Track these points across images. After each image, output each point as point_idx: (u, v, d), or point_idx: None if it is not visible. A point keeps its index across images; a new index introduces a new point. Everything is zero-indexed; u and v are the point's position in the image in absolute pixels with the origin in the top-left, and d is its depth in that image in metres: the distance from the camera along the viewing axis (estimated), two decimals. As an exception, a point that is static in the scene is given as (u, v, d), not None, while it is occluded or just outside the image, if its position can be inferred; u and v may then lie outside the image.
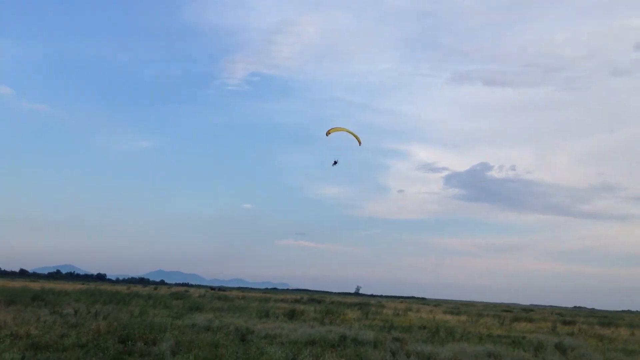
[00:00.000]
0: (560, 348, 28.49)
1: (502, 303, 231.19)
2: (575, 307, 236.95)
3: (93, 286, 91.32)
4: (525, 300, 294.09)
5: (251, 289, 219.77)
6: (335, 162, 27.48)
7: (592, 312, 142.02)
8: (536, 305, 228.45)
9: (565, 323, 59.39)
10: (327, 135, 27.14)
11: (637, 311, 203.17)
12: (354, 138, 28.17)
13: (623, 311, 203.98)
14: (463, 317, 58.69)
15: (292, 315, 42.44)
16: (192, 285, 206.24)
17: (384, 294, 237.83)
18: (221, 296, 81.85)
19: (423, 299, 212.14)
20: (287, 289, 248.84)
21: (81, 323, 26.92)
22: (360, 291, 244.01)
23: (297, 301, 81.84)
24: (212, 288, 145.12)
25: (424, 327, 37.28)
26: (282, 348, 22.07)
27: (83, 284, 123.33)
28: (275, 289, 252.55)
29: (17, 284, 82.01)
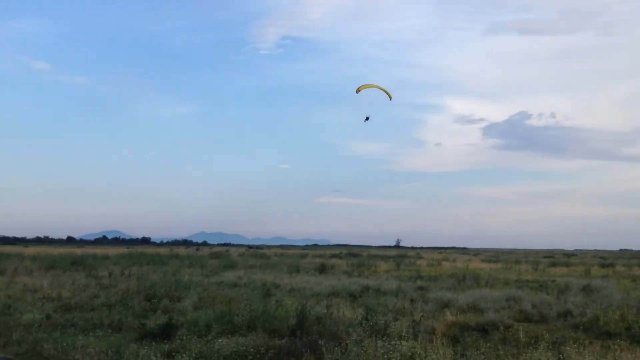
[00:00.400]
0: (586, 290, 28.52)
1: (545, 249, 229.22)
2: (621, 250, 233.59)
3: (135, 250, 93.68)
4: (569, 246, 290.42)
5: (291, 246, 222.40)
6: (367, 118, 27.54)
7: (637, 254, 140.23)
8: (581, 250, 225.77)
9: (603, 266, 58.90)
10: (357, 92, 27.12)
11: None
12: (385, 94, 28.06)
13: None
14: (498, 265, 58.64)
15: (322, 269, 43.13)
16: (233, 245, 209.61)
17: (424, 246, 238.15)
18: (259, 254, 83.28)
19: (464, 249, 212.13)
20: (328, 245, 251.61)
21: (113, 284, 27.95)
22: (401, 244, 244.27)
23: (334, 256, 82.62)
24: (249, 247, 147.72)
25: (452, 276, 37.42)
26: (302, 299, 22.59)
27: (127, 247, 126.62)
28: (315, 245, 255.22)
29: (62, 250, 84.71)
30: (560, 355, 12.16)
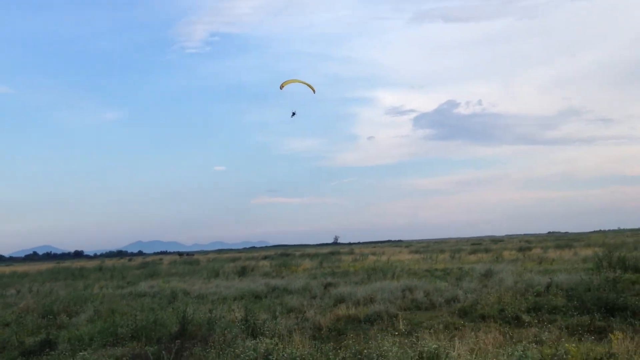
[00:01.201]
0: (486, 275, 29.80)
1: (476, 237, 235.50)
2: (549, 232, 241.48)
3: (60, 265, 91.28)
4: (501, 232, 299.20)
5: (229, 250, 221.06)
6: (294, 114, 27.91)
7: (562, 236, 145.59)
8: (511, 235, 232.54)
9: (521, 250, 61.19)
10: (281, 88, 27.51)
11: (609, 230, 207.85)
12: (309, 88, 28.52)
13: (595, 231, 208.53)
14: (419, 256, 60.09)
15: (243, 272, 43.30)
16: (169, 253, 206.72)
17: (362, 241, 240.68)
18: (189, 261, 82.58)
19: (399, 241, 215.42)
20: (265, 247, 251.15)
21: (16, 303, 27.43)
22: (339, 241, 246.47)
23: (266, 257, 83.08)
24: (180, 254, 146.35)
25: (365, 270, 38.21)
26: (198, 305, 22.79)
27: (57, 263, 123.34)
28: (253, 247, 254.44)
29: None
30: (414, 339, 12.81)
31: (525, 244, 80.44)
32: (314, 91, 28.80)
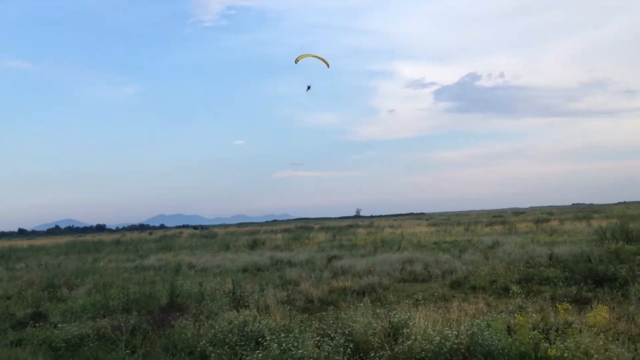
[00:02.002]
0: (492, 247, 29.71)
1: (499, 209, 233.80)
2: (573, 204, 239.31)
3: (78, 238, 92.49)
4: (524, 204, 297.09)
5: (251, 223, 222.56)
6: (309, 87, 27.87)
7: (585, 208, 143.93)
8: (535, 207, 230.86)
9: (537, 222, 60.61)
10: (296, 62, 27.43)
11: (633, 202, 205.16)
12: (323, 62, 28.46)
13: (619, 203, 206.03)
14: (434, 229, 59.93)
15: (253, 245, 43.57)
16: (190, 227, 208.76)
17: (384, 214, 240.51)
18: (206, 234, 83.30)
19: (422, 214, 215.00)
20: (287, 220, 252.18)
21: (23, 276, 27.93)
22: (361, 214, 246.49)
23: (285, 230, 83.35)
24: (194, 228, 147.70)
25: (374, 242, 38.23)
26: (198, 277, 23.03)
27: (79, 236, 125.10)
28: (275, 220, 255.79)
29: (3, 243, 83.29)
30: (395, 310, 12.80)
31: (546, 215, 79.78)
32: (328, 65, 28.66)
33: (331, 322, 11.30)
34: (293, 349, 9.56)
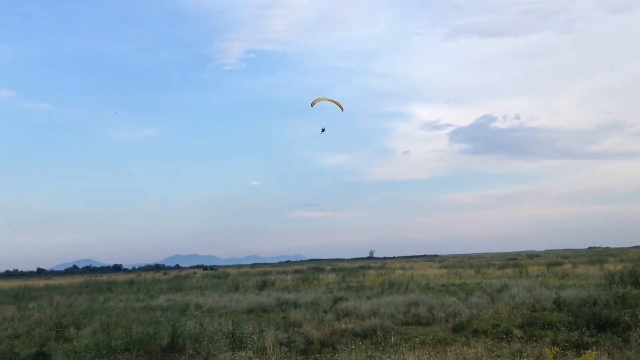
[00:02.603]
0: (501, 290, 29.53)
1: (513, 252, 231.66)
2: (589, 247, 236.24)
3: (92, 278, 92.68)
4: (540, 247, 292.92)
5: (264, 264, 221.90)
6: (323, 130, 28.38)
7: (602, 251, 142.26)
8: (550, 250, 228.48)
9: (550, 265, 60.08)
10: (312, 106, 28.08)
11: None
12: (337, 106, 29.09)
13: (636, 247, 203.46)
14: (445, 271, 59.68)
15: (263, 286, 43.58)
16: (206, 267, 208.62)
17: (397, 256, 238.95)
18: (218, 274, 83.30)
19: (435, 256, 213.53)
20: (301, 261, 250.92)
21: (33, 315, 28.16)
22: (374, 255, 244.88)
23: (297, 271, 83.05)
24: (204, 268, 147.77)
25: (381, 285, 38.12)
26: (206, 318, 23.14)
27: (95, 276, 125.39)
28: (288, 261, 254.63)
29: (14, 283, 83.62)
30: (392, 353, 12.86)
31: (560, 259, 79.07)
32: (342, 109, 29.23)
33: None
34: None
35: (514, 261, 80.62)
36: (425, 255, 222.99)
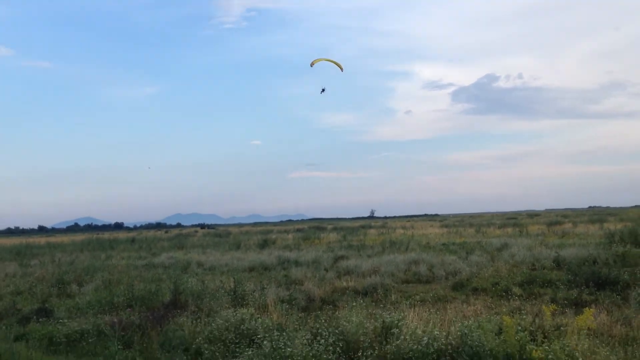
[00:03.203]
0: (501, 249, 29.66)
1: (514, 211, 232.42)
2: (590, 207, 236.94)
3: (95, 236, 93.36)
4: (541, 206, 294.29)
5: (266, 222, 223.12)
6: (323, 90, 28.14)
7: (602, 211, 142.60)
8: (551, 210, 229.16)
9: (550, 224, 60.30)
10: (311, 66, 27.75)
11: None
12: (337, 66, 28.79)
13: (636, 206, 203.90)
14: (445, 230, 59.91)
15: (264, 245, 43.84)
16: (206, 225, 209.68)
17: (398, 215, 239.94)
18: (223, 233, 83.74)
19: (436, 215, 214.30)
20: (302, 220, 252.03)
21: (35, 272, 28.37)
22: (375, 214, 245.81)
23: (298, 230, 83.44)
24: (202, 227, 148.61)
25: (382, 243, 38.31)
26: (207, 275, 23.33)
27: (97, 234, 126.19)
28: (290, 220, 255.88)
29: (15, 240, 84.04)
30: (392, 310, 12.92)
31: (560, 218, 79.32)
32: (341, 69, 28.92)
33: (324, 321, 11.42)
34: (283, 347, 9.71)
35: (514, 220, 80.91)
36: (426, 215, 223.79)
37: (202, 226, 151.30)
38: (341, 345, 10.02)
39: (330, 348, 9.84)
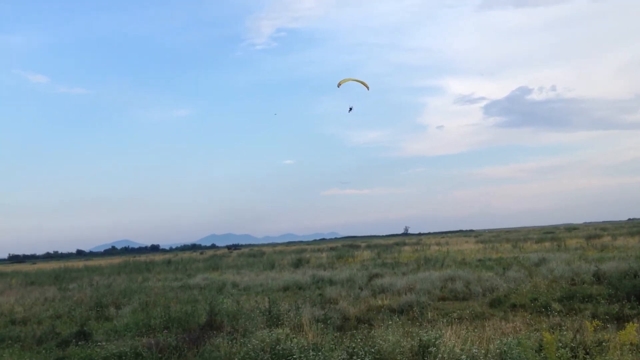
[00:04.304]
0: (539, 264, 29.17)
1: (551, 225, 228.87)
2: (629, 219, 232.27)
3: (131, 259, 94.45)
4: (578, 219, 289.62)
5: (299, 242, 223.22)
6: (351, 109, 28.30)
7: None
8: (588, 223, 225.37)
9: (589, 237, 59.15)
10: (338, 86, 28.00)
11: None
12: (363, 85, 29.01)
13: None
14: (481, 246, 59.22)
15: (298, 264, 43.82)
16: (241, 246, 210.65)
17: (432, 231, 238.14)
18: (256, 253, 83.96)
19: (471, 231, 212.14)
20: (335, 238, 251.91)
21: (74, 296, 28.75)
22: (409, 231, 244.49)
23: (332, 249, 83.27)
24: (228, 248, 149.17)
25: (417, 260, 37.97)
26: (242, 296, 23.39)
27: (133, 257, 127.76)
28: (323, 239, 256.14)
29: (54, 265, 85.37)
30: (429, 328, 12.77)
31: (599, 231, 77.84)
32: (367, 88, 29.06)
33: (359, 340, 11.33)
34: (320, 367, 9.66)
35: (551, 234, 79.64)
36: (460, 231, 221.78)
37: (230, 247, 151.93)
38: (378, 364, 9.93)
39: (367, 367, 9.75)
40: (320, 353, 10.48)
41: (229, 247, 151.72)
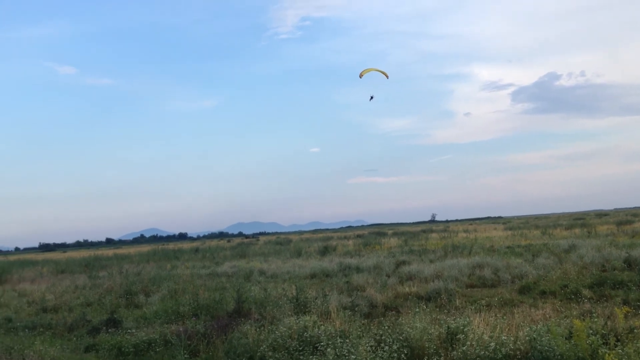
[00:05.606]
0: (569, 251, 28.81)
1: (581, 212, 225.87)
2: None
3: (159, 247, 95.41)
4: (609, 205, 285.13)
5: (326, 229, 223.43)
6: (372, 97, 28.21)
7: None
8: (619, 209, 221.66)
9: (619, 224, 58.28)
10: (360, 77, 27.94)
11: None
12: (383, 75, 28.92)
13: None
14: (510, 232, 58.69)
15: (324, 251, 43.87)
16: (267, 234, 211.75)
17: (460, 218, 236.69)
18: (283, 241, 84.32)
19: (499, 218, 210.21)
20: (362, 226, 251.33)
21: (104, 284, 29.17)
22: (436, 218, 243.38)
23: (358, 236, 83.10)
24: (246, 237, 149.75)
25: (444, 247, 37.75)
26: (269, 283, 23.51)
27: (161, 245, 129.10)
28: (349, 227, 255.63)
29: (84, 253, 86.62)
30: (459, 315, 12.69)
31: (630, 217, 76.64)
32: (387, 77, 28.92)
33: (387, 327, 11.31)
34: (347, 354, 9.65)
35: (581, 221, 78.57)
36: (489, 217, 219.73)
37: (246, 236, 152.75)
38: (405, 352, 9.89)
39: (395, 355, 9.73)
40: (347, 340, 10.47)
41: (246, 237, 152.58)
